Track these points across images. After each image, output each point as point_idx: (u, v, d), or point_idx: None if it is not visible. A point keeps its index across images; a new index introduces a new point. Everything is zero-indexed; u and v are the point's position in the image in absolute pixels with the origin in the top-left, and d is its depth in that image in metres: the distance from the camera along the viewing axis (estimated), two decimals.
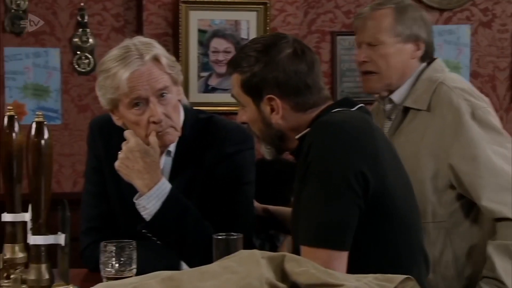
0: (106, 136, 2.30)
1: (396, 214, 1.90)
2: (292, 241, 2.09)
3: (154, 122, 2.14)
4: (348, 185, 1.83)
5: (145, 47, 2.15)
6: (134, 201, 2.14)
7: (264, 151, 2.07)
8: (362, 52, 2.53)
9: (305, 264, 1.57)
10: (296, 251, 1.87)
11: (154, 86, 2.13)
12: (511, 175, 2.32)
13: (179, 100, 2.24)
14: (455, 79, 2.54)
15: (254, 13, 4.09)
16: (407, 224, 1.95)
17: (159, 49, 2.17)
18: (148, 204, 2.13)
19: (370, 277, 1.55)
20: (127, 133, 2.16)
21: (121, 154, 2.15)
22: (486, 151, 2.34)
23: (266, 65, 1.96)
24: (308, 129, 1.95)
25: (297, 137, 1.98)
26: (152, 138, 2.14)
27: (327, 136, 1.87)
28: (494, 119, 2.45)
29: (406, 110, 2.49)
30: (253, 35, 4.09)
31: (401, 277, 1.55)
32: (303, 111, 1.98)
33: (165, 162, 2.26)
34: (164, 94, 2.15)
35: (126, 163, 2.13)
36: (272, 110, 1.98)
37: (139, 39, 2.19)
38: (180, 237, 2.15)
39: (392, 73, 2.51)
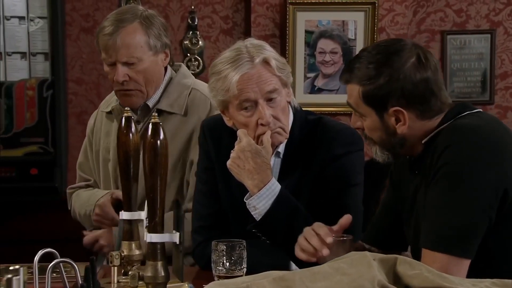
0: (217, 137, 2.34)
1: None
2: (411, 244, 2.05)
3: (262, 124, 2.16)
4: (482, 193, 1.79)
5: (255, 49, 2.17)
6: (245, 201, 2.17)
7: (377, 155, 2.03)
8: (120, 71, 2.49)
9: (418, 267, 1.55)
10: (415, 256, 1.84)
11: (263, 88, 2.15)
12: None
13: (289, 102, 2.25)
14: (204, 84, 2.62)
15: (362, 13, 4.06)
16: None
17: (269, 52, 2.19)
18: (258, 204, 2.14)
19: (487, 281, 1.51)
20: (240, 133, 2.18)
21: (233, 153, 2.17)
22: None
23: (391, 77, 1.89)
24: (434, 133, 1.91)
25: (423, 141, 1.93)
26: (266, 138, 2.16)
27: (465, 140, 1.83)
28: None
29: (159, 112, 2.53)
30: (360, 35, 4.06)
31: None
32: (428, 119, 1.93)
33: (274, 163, 2.27)
34: (273, 97, 2.17)
35: (237, 162, 2.15)
36: (398, 121, 1.92)
37: (250, 41, 2.21)
38: (290, 236, 2.15)
39: (151, 86, 2.57)
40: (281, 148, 2.26)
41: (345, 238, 2.01)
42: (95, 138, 2.72)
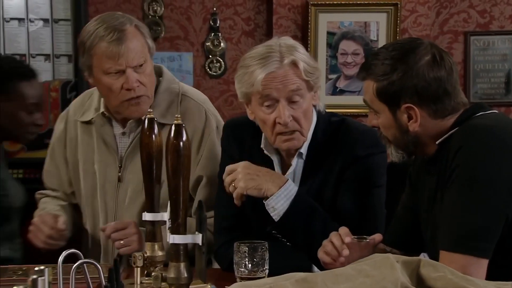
0: (239, 138, 2.35)
1: None
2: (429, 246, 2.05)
3: (279, 123, 2.17)
4: (497, 192, 1.78)
5: (287, 50, 2.18)
6: (264, 202, 2.17)
7: (393, 154, 2.04)
8: (132, 77, 2.32)
9: (442, 270, 1.54)
10: (433, 257, 1.84)
11: (286, 89, 2.15)
12: None
13: (314, 106, 2.26)
14: (194, 90, 2.56)
15: (384, 14, 4.04)
16: None
17: (301, 54, 2.19)
18: (277, 204, 2.15)
19: (511, 284, 1.50)
20: (229, 167, 2.19)
21: (239, 176, 2.16)
22: None
23: (405, 74, 1.90)
24: (448, 134, 1.91)
25: (437, 142, 1.94)
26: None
27: (477, 141, 1.82)
28: None
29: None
30: (382, 36, 4.04)
31: None
32: (441, 118, 1.93)
33: (297, 164, 2.27)
34: (295, 99, 2.17)
35: (250, 177, 2.16)
36: (410, 118, 1.93)
37: (285, 41, 2.22)
38: (309, 237, 2.16)
39: (152, 90, 2.41)
40: (303, 150, 2.26)
41: (367, 240, 2.01)
42: (70, 148, 2.54)
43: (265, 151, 2.28)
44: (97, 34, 2.30)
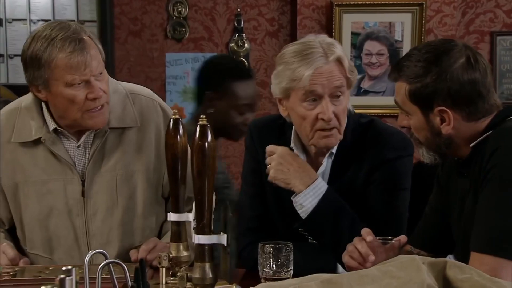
0: (264, 139, 2.35)
1: None
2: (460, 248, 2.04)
3: (323, 119, 2.17)
4: None
5: (328, 47, 2.18)
6: (292, 199, 2.18)
7: (424, 156, 2.02)
8: (97, 85, 2.20)
9: (468, 271, 1.53)
10: (464, 259, 1.82)
11: (331, 85, 2.15)
12: None
13: None
14: (135, 85, 2.44)
15: (409, 15, 4.02)
16: None
17: (342, 51, 2.21)
18: (305, 201, 2.16)
19: None
20: (270, 147, 2.23)
21: (273, 163, 2.20)
22: None
23: (438, 77, 1.88)
24: (483, 137, 1.89)
25: (471, 144, 1.92)
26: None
27: (511, 144, 1.81)
28: None
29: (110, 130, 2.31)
30: (407, 37, 4.03)
31: None
32: (475, 120, 1.91)
33: (327, 163, 2.27)
34: (338, 94, 2.18)
35: (281, 168, 2.19)
36: (443, 121, 1.91)
37: (323, 38, 2.23)
38: (336, 236, 2.15)
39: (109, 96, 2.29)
40: (334, 149, 2.26)
41: (393, 241, 2.00)
42: (5, 173, 2.32)
43: (294, 150, 2.28)
44: (54, 45, 2.16)
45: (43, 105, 2.29)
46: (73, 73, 2.16)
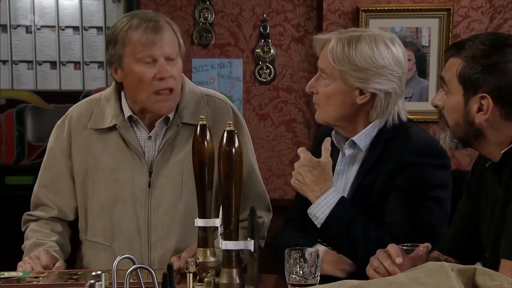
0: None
1: None
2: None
3: None
4: None
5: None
6: (307, 211, 2.21)
7: (445, 141, 1.98)
8: (167, 66, 2.32)
9: (498, 279, 1.52)
10: (493, 266, 1.81)
11: None
12: None
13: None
14: (212, 90, 2.56)
15: (437, 20, 4.00)
16: None
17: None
18: (317, 212, 2.19)
19: None
20: (299, 150, 2.26)
21: (294, 172, 2.25)
22: None
23: (496, 65, 1.85)
24: None
25: (503, 151, 1.90)
26: (324, 146, 2.24)
27: None
28: None
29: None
30: (434, 42, 4.00)
31: None
32: (511, 121, 1.88)
33: (351, 169, 2.30)
34: None
35: (298, 178, 2.23)
36: (480, 109, 1.89)
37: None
38: (350, 244, 2.16)
39: (180, 87, 2.41)
40: (357, 139, 2.29)
41: (420, 248, 1.99)
42: (77, 158, 2.42)
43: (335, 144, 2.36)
44: (131, 24, 2.31)
45: (122, 94, 2.41)
46: (144, 49, 2.28)
